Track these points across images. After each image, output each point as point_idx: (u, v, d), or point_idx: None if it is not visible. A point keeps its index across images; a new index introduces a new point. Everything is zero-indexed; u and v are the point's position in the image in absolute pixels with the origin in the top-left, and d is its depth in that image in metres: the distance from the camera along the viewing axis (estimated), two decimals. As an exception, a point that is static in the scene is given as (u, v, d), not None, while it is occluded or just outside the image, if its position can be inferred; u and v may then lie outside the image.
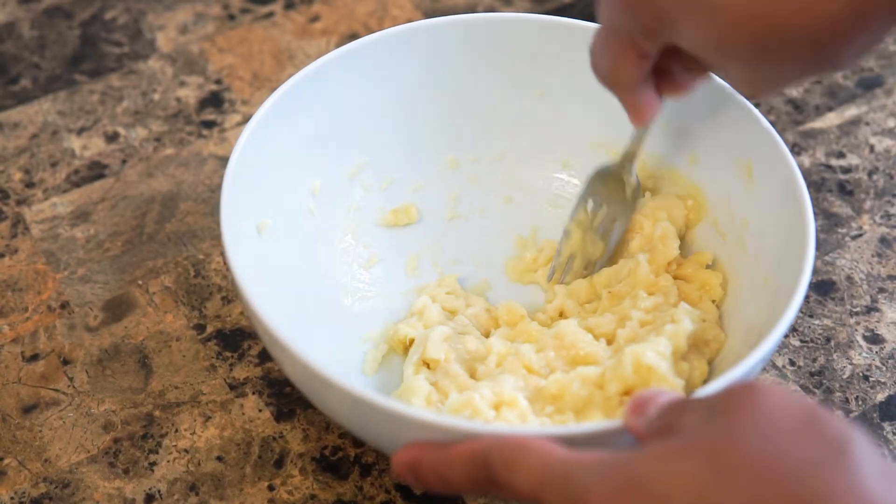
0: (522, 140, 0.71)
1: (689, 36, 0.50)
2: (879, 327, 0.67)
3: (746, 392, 0.43)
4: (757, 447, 0.40)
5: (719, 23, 0.48)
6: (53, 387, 0.64)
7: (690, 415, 0.44)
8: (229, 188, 0.58)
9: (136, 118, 0.78)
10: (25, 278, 0.69)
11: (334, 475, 0.60)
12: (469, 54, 0.68)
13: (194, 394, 0.64)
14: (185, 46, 0.83)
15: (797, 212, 0.57)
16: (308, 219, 0.65)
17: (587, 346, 0.59)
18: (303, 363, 0.51)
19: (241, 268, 0.55)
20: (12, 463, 0.61)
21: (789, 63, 0.49)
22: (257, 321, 0.54)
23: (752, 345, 0.53)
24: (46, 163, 0.76)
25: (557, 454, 0.45)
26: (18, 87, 0.81)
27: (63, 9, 0.86)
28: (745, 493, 0.39)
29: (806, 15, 0.46)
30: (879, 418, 0.63)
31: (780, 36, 0.47)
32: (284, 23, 0.85)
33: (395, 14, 0.85)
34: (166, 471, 0.61)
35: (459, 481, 0.48)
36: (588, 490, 0.42)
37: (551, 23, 0.66)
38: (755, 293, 0.60)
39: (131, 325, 0.67)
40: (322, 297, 0.65)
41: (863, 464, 0.40)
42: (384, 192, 0.69)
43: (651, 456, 0.42)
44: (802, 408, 0.42)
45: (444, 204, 0.70)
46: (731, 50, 0.49)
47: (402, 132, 0.69)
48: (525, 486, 0.45)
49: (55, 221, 0.72)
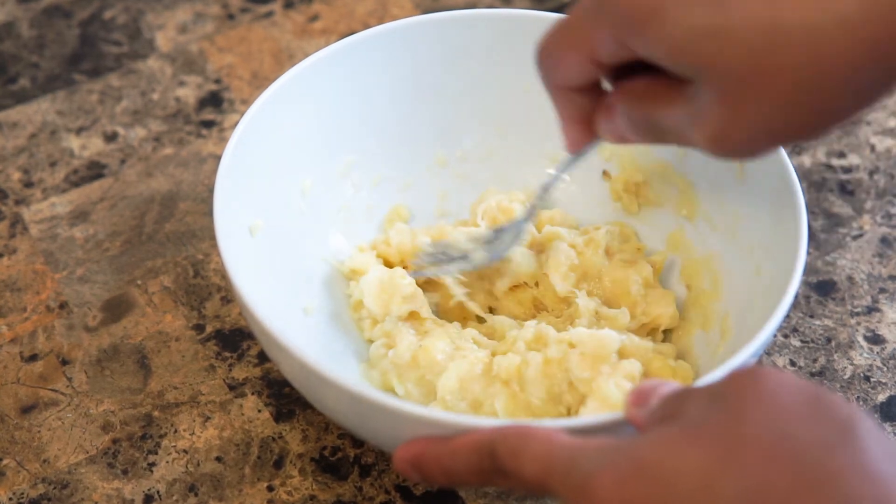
0: (510, 136, 0.71)
1: (679, 31, 0.43)
2: (880, 328, 0.67)
3: (749, 376, 0.43)
4: (762, 430, 0.40)
5: (721, 17, 0.43)
6: (52, 387, 0.64)
7: (693, 402, 0.43)
8: (221, 190, 0.58)
9: (135, 118, 0.78)
10: (24, 278, 0.69)
11: (334, 475, 0.60)
12: (455, 51, 0.68)
13: (193, 394, 0.64)
14: (184, 46, 0.83)
15: (789, 201, 0.58)
16: (299, 218, 0.65)
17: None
18: (300, 361, 0.51)
19: (236, 269, 0.55)
20: (11, 463, 0.61)
21: (781, 94, 0.43)
22: (253, 321, 0.54)
23: (749, 335, 0.53)
24: (45, 162, 0.76)
25: (562, 441, 0.45)
26: (17, 86, 0.81)
27: (62, 8, 0.86)
28: (753, 476, 0.39)
29: (814, 15, 0.42)
30: (880, 419, 0.63)
31: (782, 42, 0.42)
32: (284, 22, 0.85)
33: (395, 13, 0.85)
34: (165, 471, 0.60)
35: (464, 473, 0.48)
36: (593, 476, 0.42)
37: (535, 18, 0.66)
38: (749, 284, 0.60)
39: (130, 326, 0.67)
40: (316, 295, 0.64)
41: (870, 444, 0.40)
42: (373, 191, 0.69)
43: (657, 441, 0.42)
44: (807, 389, 0.42)
45: (433, 202, 0.70)
46: (721, 51, 0.43)
47: (391, 130, 0.69)
48: (531, 474, 0.45)
49: (54, 221, 0.72)
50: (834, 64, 0.42)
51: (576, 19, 0.48)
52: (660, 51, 0.44)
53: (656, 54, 0.45)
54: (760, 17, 0.42)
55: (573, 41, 0.48)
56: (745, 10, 0.42)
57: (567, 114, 0.52)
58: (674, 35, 0.43)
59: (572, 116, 0.52)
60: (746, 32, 0.42)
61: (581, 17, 0.48)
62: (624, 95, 0.49)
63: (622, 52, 0.46)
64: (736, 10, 0.43)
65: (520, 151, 0.71)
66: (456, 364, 0.58)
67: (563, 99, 0.52)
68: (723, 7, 0.43)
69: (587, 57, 0.48)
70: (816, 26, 0.42)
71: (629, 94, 0.49)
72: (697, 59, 0.44)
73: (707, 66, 0.43)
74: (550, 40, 0.50)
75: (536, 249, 0.65)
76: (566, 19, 0.49)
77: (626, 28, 0.45)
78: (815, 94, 0.43)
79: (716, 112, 0.44)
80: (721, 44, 0.43)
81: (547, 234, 0.65)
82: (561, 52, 0.49)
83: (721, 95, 0.44)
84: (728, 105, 0.44)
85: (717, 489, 0.39)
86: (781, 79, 0.43)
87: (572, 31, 0.48)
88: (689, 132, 0.46)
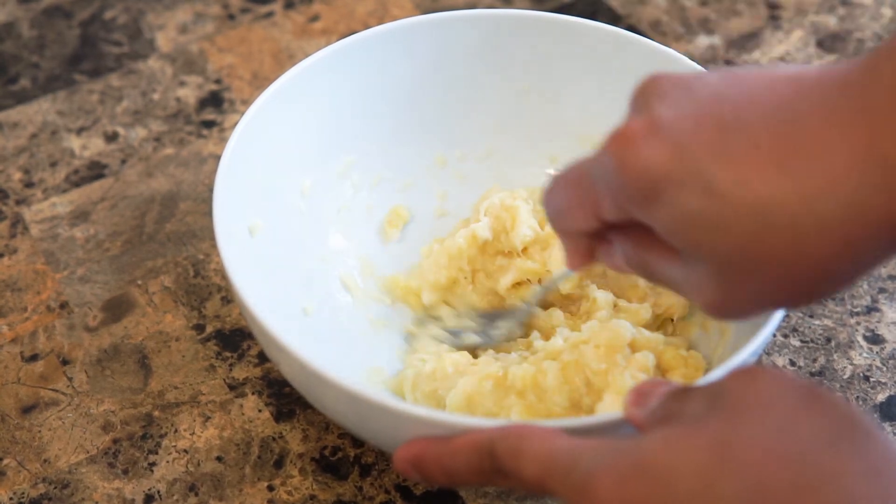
0: (509, 136, 0.71)
1: (673, 213, 0.43)
2: (880, 327, 0.67)
3: (749, 376, 0.43)
4: (763, 429, 0.40)
5: (713, 204, 0.42)
6: (52, 387, 0.64)
7: (693, 402, 0.43)
8: (221, 190, 0.58)
9: (135, 118, 0.78)
10: (25, 278, 0.69)
11: (334, 475, 0.60)
12: (455, 51, 0.68)
13: (194, 394, 0.64)
14: (184, 46, 0.83)
15: None
16: (298, 219, 0.65)
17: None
18: (299, 362, 0.51)
19: (235, 269, 0.55)
20: (11, 463, 0.61)
21: (773, 277, 0.42)
22: (252, 321, 0.54)
23: (748, 335, 0.53)
24: (46, 163, 0.76)
25: (562, 441, 0.45)
26: (18, 86, 0.81)
27: (62, 8, 0.86)
28: (752, 475, 0.39)
29: (803, 207, 0.40)
30: (880, 419, 0.63)
31: (769, 231, 0.41)
32: (284, 22, 0.85)
33: (395, 14, 0.85)
34: (166, 471, 0.60)
35: (464, 472, 0.48)
36: (593, 476, 0.42)
37: (535, 18, 0.66)
38: None
39: (131, 326, 0.67)
40: (316, 296, 0.65)
41: (871, 443, 0.40)
42: (373, 192, 0.69)
43: (656, 441, 0.42)
44: (806, 389, 0.42)
45: (433, 202, 0.70)
46: (713, 238, 0.42)
47: (390, 130, 0.69)
48: (531, 474, 0.45)
49: (54, 221, 0.72)
50: (820, 247, 0.41)
51: (583, 178, 0.48)
52: (659, 227, 0.44)
53: (656, 228, 0.45)
54: (750, 204, 0.41)
55: (579, 200, 0.48)
56: (735, 196, 0.41)
57: (570, 248, 0.52)
58: (672, 216, 0.43)
59: (575, 250, 0.52)
60: (736, 222, 0.41)
61: (587, 179, 0.47)
62: (624, 237, 0.49)
63: (625, 215, 0.46)
64: (727, 195, 0.41)
65: (519, 151, 0.71)
66: (464, 380, 0.57)
67: (568, 239, 0.52)
68: (714, 196, 0.41)
69: (592, 214, 0.48)
70: (798, 214, 0.40)
71: (629, 238, 0.48)
72: (692, 244, 0.43)
73: (700, 250, 0.43)
74: (557, 194, 0.50)
75: (540, 247, 0.65)
76: (573, 174, 0.48)
77: (627, 201, 0.44)
78: (804, 274, 0.42)
79: (711, 287, 0.44)
80: (712, 234, 0.42)
81: (550, 231, 0.66)
82: (568, 205, 0.49)
83: (715, 275, 0.44)
84: (722, 284, 0.44)
85: (717, 489, 0.39)
86: (770, 264, 0.42)
87: (579, 191, 0.48)
88: (685, 291, 0.47)
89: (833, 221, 0.40)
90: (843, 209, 0.40)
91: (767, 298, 0.45)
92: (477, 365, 0.59)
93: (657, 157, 0.42)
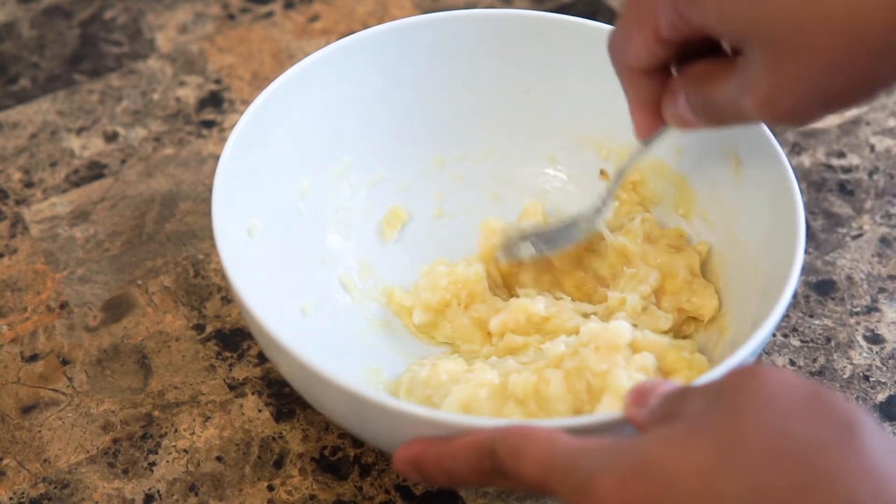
0: (508, 136, 0.71)
1: (722, 1, 0.46)
2: (880, 327, 0.67)
3: (749, 375, 0.43)
4: (763, 429, 0.40)
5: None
6: (52, 387, 0.64)
7: (693, 401, 0.43)
8: (220, 191, 0.58)
9: (135, 118, 0.78)
10: (24, 278, 0.69)
11: (334, 475, 0.60)
12: (455, 51, 0.68)
13: (194, 394, 0.64)
14: (184, 46, 0.83)
15: (786, 200, 0.57)
16: (297, 219, 0.65)
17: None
18: (298, 362, 0.51)
19: (235, 269, 0.55)
20: (11, 463, 0.61)
21: (824, 51, 0.45)
22: (252, 321, 0.54)
23: (747, 334, 0.53)
24: (46, 163, 0.76)
25: (562, 441, 0.45)
26: (18, 86, 0.81)
27: (62, 8, 0.86)
28: (753, 475, 0.39)
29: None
30: (880, 418, 0.63)
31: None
32: (284, 22, 0.85)
33: (395, 14, 0.85)
34: (166, 471, 0.61)
35: (464, 473, 0.48)
36: (594, 476, 0.42)
37: (535, 18, 0.67)
38: (747, 283, 0.60)
39: (131, 326, 0.67)
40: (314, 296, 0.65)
41: (872, 442, 0.40)
42: (371, 192, 0.69)
43: (657, 441, 0.42)
44: (806, 387, 0.42)
45: (431, 202, 0.70)
46: (766, 17, 0.45)
47: (389, 131, 0.69)
48: (531, 474, 0.45)
49: (54, 221, 0.72)
50: (872, 18, 0.43)
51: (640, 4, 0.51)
52: (711, 18, 0.47)
53: (709, 21, 0.48)
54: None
55: (638, 17, 0.51)
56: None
57: (636, 98, 0.55)
58: (722, 1, 0.46)
59: (641, 101, 0.55)
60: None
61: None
62: (685, 79, 0.52)
63: (682, 25, 0.49)
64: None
65: (518, 151, 0.71)
66: (459, 387, 0.57)
67: (633, 82, 0.55)
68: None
69: (652, 33, 0.51)
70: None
71: (690, 76, 0.52)
72: (744, 23, 0.46)
73: (752, 29, 0.46)
74: (619, 22, 0.53)
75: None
76: (632, 6, 0.52)
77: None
78: (856, 51, 0.44)
79: (764, 77, 0.47)
80: (764, 5, 0.45)
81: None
82: (629, 31, 0.52)
83: (768, 59, 0.46)
84: (775, 68, 0.46)
85: (718, 488, 0.39)
86: (822, 34, 0.44)
87: (637, 9, 0.51)
88: (742, 102, 0.49)
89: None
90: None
91: (819, 92, 0.46)
92: (472, 372, 0.59)
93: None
